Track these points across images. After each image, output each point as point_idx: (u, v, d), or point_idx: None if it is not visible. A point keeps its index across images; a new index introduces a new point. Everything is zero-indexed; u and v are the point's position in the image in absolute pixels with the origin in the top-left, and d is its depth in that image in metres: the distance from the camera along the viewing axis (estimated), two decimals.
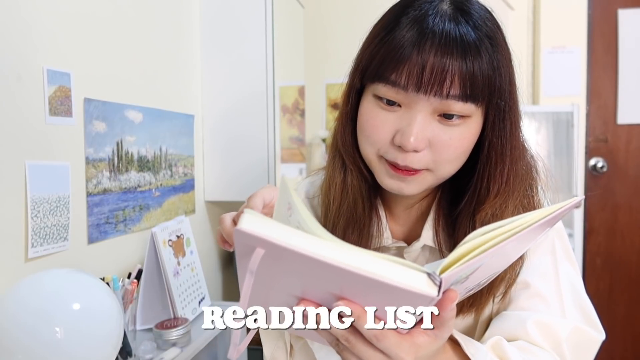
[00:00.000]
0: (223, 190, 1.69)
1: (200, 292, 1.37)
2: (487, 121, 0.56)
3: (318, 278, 0.38)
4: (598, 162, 2.27)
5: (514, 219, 0.40)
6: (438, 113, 0.53)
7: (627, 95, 2.24)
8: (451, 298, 0.39)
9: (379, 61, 0.53)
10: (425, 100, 0.51)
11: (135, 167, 1.31)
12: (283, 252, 0.35)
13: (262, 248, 0.35)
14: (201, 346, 1.20)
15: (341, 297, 0.39)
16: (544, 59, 2.21)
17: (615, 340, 2.27)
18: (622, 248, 2.27)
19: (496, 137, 0.56)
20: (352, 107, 0.59)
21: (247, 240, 0.35)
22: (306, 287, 0.40)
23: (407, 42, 0.51)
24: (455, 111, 0.52)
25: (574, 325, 0.60)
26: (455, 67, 0.50)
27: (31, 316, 0.76)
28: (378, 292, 0.37)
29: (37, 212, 0.98)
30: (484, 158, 0.57)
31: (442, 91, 0.50)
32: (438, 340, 0.43)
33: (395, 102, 0.53)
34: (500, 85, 0.53)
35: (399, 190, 0.58)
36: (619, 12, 2.22)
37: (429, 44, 0.50)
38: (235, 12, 1.64)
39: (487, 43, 0.52)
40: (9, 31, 0.93)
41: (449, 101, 0.51)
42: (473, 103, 0.52)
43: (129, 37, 1.29)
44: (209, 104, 1.68)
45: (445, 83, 0.50)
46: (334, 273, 0.36)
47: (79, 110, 1.10)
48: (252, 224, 0.34)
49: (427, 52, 0.50)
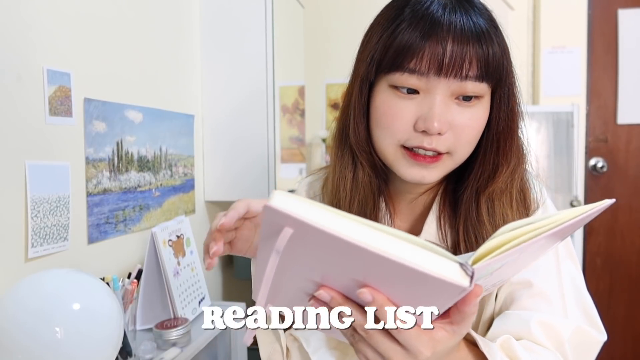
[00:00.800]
0: (223, 190, 1.69)
1: (200, 292, 1.37)
2: (494, 101, 0.59)
3: (345, 262, 0.36)
4: (598, 162, 2.27)
5: (543, 218, 0.39)
6: (455, 96, 0.56)
7: (627, 95, 2.24)
8: (476, 293, 0.38)
9: (395, 52, 0.56)
10: (445, 83, 0.54)
11: (135, 167, 1.31)
12: (314, 232, 0.33)
13: (291, 227, 0.34)
14: (201, 346, 1.20)
15: (365, 285, 0.38)
16: (544, 59, 2.20)
17: (615, 340, 2.27)
18: (622, 248, 2.27)
19: (503, 114, 0.60)
20: (365, 101, 0.61)
21: (277, 219, 0.33)
22: (328, 273, 0.39)
23: (424, 32, 0.54)
24: (471, 92, 0.55)
25: (576, 325, 0.60)
26: (472, 51, 0.54)
27: (31, 316, 0.76)
28: (406, 279, 0.36)
29: (37, 212, 0.98)
30: (491, 137, 0.60)
31: (462, 72, 0.54)
32: (456, 336, 0.43)
33: (414, 90, 0.56)
34: (506, 66, 0.58)
35: (420, 179, 0.59)
36: (619, 12, 2.22)
37: (446, 31, 0.54)
38: (235, 12, 1.64)
39: (493, 28, 0.57)
40: (9, 31, 0.93)
41: (466, 82, 0.54)
42: (487, 83, 0.56)
43: (129, 37, 1.29)
44: (209, 104, 1.68)
45: (464, 65, 0.54)
46: (364, 257, 0.34)
47: (79, 110, 1.10)
48: (283, 202, 0.33)
49: (445, 39, 0.53)
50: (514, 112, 0.61)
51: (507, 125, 0.60)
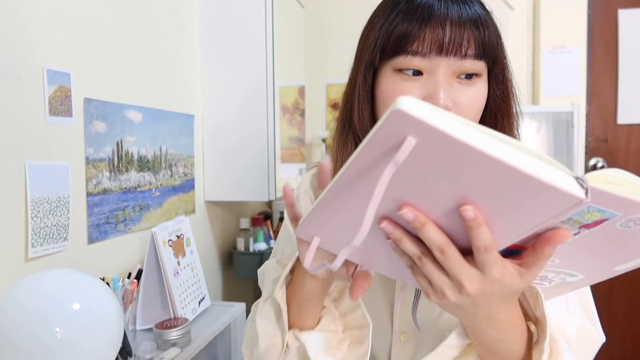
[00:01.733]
0: (223, 190, 1.69)
1: (200, 292, 1.37)
2: (491, 80, 0.63)
3: (458, 177, 0.33)
4: (598, 162, 2.27)
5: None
6: (457, 75, 0.59)
7: (627, 95, 2.24)
8: (561, 235, 0.36)
9: (397, 38, 0.59)
10: (446, 62, 0.57)
11: (135, 167, 1.31)
12: (443, 142, 0.30)
13: (415, 137, 0.30)
14: (201, 346, 1.20)
15: (465, 202, 0.35)
16: (544, 59, 2.20)
17: (615, 340, 2.27)
18: None
19: (499, 92, 0.63)
20: (369, 87, 0.64)
21: (402, 125, 0.30)
22: (425, 192, 0.36)
23: (422, 20, 0.58)
24: (471, 69, 0.59)
25: (581, 323, 0.61)
26: (469, 32, 0.58)
27: (31, 316, 0.76)
28: (518, 192, 0.33)
29: (37, 212, 0.98)
30: (488, 115, 0.64)
31: (461, 51, 0.57)
32: (522, 280, 0.41)
33: (419, 72, 0.59)
34: (500, 47, 0.62)
35: None
36: (619, 12, 2.22)
37: (443, 16, 0.58)
38: (235, 12, 1.64)
39: (486, 13, 0.61)
40: (9, 31, 0.93)
41: (465, 60, 0.58)
42: (484, 61, 0.59)
43: (129, 37, 1.29)
44: (209, 104, 1.68)
45: (463, 44, 0.58)
46: (485, 167, 0.31)
47: (79, 110, 1.10)
48: (413, 106, 0.30)
49: (444, 23, 0.57)
50: (508, 90, 0.65)
51: (504, 102, 0.65)
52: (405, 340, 0.69)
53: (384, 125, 0.31)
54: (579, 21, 2.20)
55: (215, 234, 1.80)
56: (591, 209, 0.35)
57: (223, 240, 1.85)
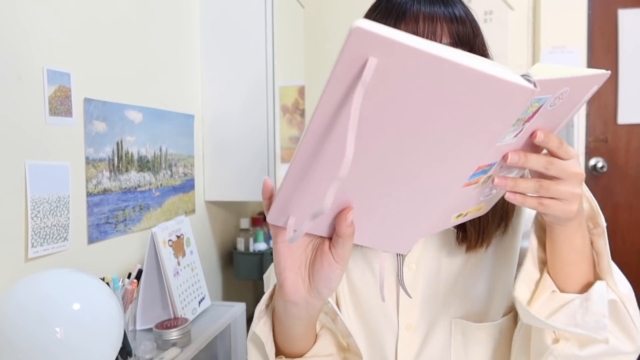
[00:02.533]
0: (223, 190, 1.69)
1: (200, 292, 1.37)
2: None
3: (424, 89, 0.34)
4: (598, 162, 2.27)
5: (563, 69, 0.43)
6: None
7: (627, 95, 2.24)
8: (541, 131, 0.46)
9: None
10: None
11: (135, 167, 1.31)
12: (408, 54, 0.31)
13: (377, 56, 0.31)
14: (201, 346, 1.20)
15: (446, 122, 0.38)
16: (544, 59, 2.20)
17: None
18: (622, 248, 2.27)
19: None
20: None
21: (363, 45, 0.30)
22: (401, 115, 0.36)
23: (396, 18, 0.61)
24: None
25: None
26: (443, 24, 0.61)
27: (31, 316, 0.76)
28: (480, 93, 0.36)
29: (37, 212, 0.98)
30: None
31: (435, 40, 0.58)
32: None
33: None
34: (478, 36, 0.64)
35: None
36: (619, 12, 2.22)
37: (415, 13, 0.61)
38: (235, 12, 1.64)
39: (465, 9, 0.64)
40: (9, 31, 0.93)
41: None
42: (461, 48, 0.61)
43: (129, 37, 1.29)
44: (209, 104, 1.68)
45: (437, 34, 0.60)
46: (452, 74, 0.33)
47: (79, 110, 1.10)
48: (370, 25, 0.30)
49: (417, 19, 0.60)
50: None
51: None
52: (411, 333, 0.69)
53: (346, 48, 0.30)
54: (579, 21, 2.20)
55: (215, 234, 1.80)
56: (533, 102, 0.40)
57: (223, 240, 1.85)
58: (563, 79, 0.41)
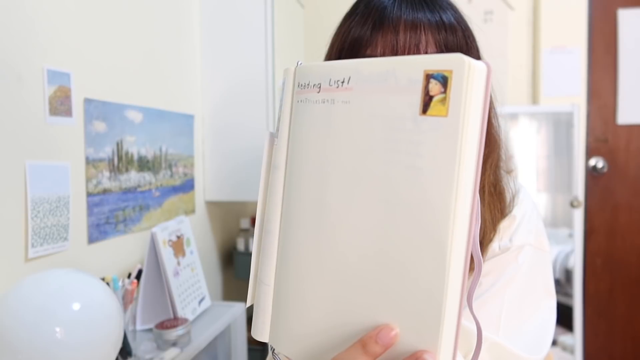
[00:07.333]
0: (223, 190, 1.69)
1: (200, 292, 1.37)
2: None
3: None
4: (598, 162, 2.26)
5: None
6: None
7: (627, 95, 2.24)
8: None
9: (351, 44, 0.57)
10: None
11: (135, 167, 1.31)
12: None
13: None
14: (201, 346, 1.20)
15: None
16: (544, 59, 2.20)
17: (615, 340, 2.27)
18: (622, 248, 2.27)
19: None
20: None
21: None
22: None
23: (374, 24, 0.56)
24: None
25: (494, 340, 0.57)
26: (427, 34, 0.54)
27: (31, 316, 0.76)
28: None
29: (37, 212, 0.98)
30: None
31: (419, 51, 0.54)
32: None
33: None
34: (472, 48, 0.58)
35: None
36: (619, 12, 2.22)
37: (395, 21, 0.55)
38: (235, 12, 1.64)
39: (456, 15, 0.57)
40: (9, 31, 0.93)
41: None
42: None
43: (129, 37, 1.29)
44: (209, 104, 1.68)
45: (420, 46, 0.54)
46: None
47: (79, 110, 1.10)
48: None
49: (396, 29, 0.54)
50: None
51: None
52: None
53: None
54: (579, 21, 2.20)
55: (215, 234, 1.80)
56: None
57: (223, 240, 1.85)
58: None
